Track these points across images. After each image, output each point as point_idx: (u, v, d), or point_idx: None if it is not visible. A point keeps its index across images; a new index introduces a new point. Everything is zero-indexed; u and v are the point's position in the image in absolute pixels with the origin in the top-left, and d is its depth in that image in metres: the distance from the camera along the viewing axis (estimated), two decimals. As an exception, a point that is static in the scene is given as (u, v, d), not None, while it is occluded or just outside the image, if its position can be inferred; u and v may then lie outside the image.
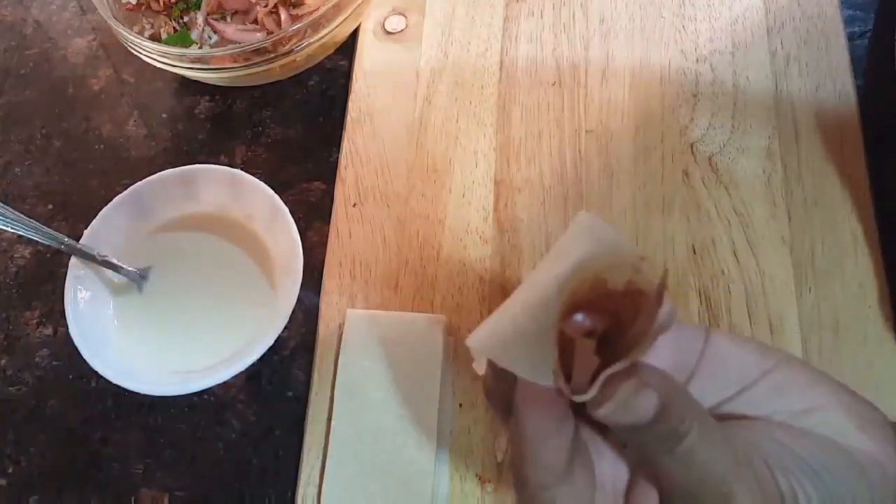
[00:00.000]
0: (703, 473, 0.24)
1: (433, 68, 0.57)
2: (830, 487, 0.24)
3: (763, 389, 0.27)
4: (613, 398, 0.23)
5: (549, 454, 0.25)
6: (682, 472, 0.24)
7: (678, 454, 0.23)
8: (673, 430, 0.23)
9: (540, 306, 0.23)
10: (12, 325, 0.52)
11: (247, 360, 0.43)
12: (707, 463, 0.24)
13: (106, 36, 0.63)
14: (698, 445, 0.24)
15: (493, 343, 0.24)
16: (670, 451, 0.24)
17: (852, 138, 0.51)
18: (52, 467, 0.48)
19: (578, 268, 0.23)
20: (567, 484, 0.25)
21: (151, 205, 0.50)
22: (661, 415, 0.23)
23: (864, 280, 0.46)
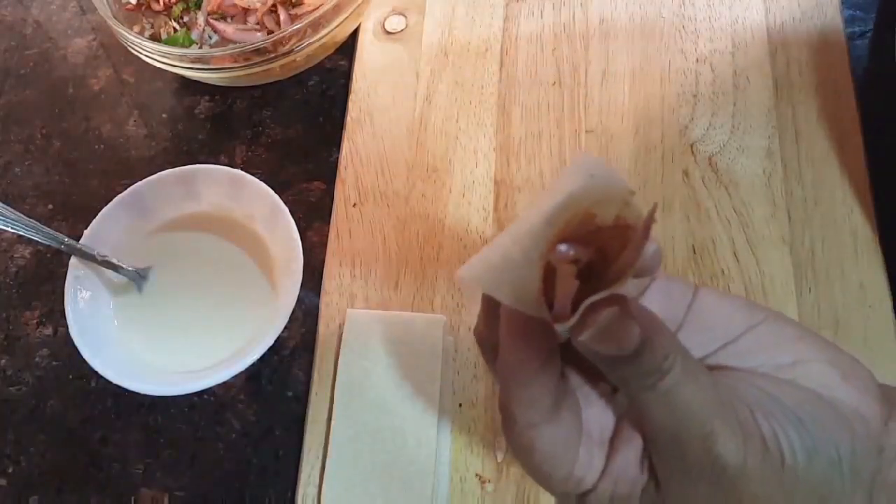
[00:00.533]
0: (685, 413, 0.24)
1: (433, 68, 0.57)
2: (813, 434, 0.24)
3: (748, 343, 0.27)
4: (595, 324, 0.23)
5: (535, 391, 0.25)
6: (664, 412, 0.24)
7: (660, 391, 0.24)
8: (656, 367, 0.23)
9: (528, 235, 0.23)
10: (12, 325, 0.52)
11: (247, 360, 0.43)
12: (689, 402, 0.24)
13: (106, 36, 0.63)
14: (681, 383, 0.24)
15: (480, 271, 0.24)
16: (652, 387, 0.24)
17: (852, 138, 0.51)
18: (52, 467, 0.48)
19: (569, 200, 0.23)
20: (553, 424, 0.26)
21: (151, 205, 0.50)
22: (644, 348, 0.23)
23: (864, 280, 0.46)
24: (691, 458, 0.24)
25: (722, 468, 0.23)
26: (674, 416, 0.24)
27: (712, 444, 0.23)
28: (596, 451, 0.26)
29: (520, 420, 0.26)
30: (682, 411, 0.24)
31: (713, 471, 0.24)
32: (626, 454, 0.26)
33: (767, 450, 0.24)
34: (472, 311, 0.28)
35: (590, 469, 0.26)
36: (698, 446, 0.24)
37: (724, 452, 0.23)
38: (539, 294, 0.23)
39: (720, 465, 0.23)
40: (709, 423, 0.23)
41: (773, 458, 0.24)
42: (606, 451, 0.26)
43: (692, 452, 0.24)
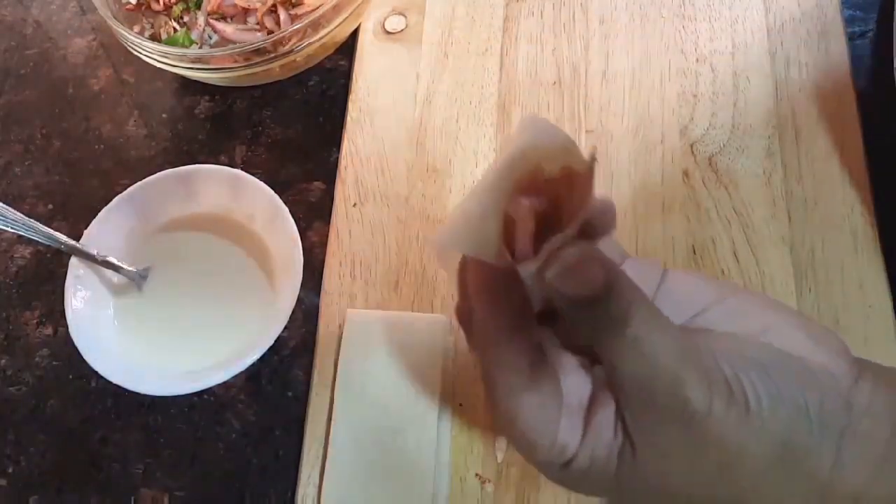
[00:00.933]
0: (652, 358, 0.24)
1: (433, 68, 0.57)
2: (777, 382, 0.25)
3: (718, 314, 0.28)
4: (560, 260, 0.24)
5: (512, 350, 0.26)
6: (632, 358, 0.24)
7: (628, 337, 0.24)
8: (622, 313, 0.24)
9: (484, 191, 0.25)
10: (12, 325, 0.52)
11: (247, 360, 0.43)
12: (655, 348, 0.24)
13: (106, 36, 0.63)
14: (646, 330, 0.24)
15: (445, 233, 0.26)
16: (620, 334, 0.24)
17: (852, 138, 0.51)
18: (52, 467, 0.48)
19: (518, 154, 0.25)
20: (534, 391, 0.26)
21: (151, 205, 0.50)
22: (609, 291, 0.24)
23: (864, 280, 0.46)
24: (661, 403, 0.24)
25: (690, 413, 0.24)
26: (642, 362, 0.24)
27: (680, 388, 0.24)
28: (576, 419, 0.26)
29: (501, 385, 0.26)
30: (649, 357, 0.24)
31: (682, 416, 0.24)
32: (601, 418, 0.26)
33: (732, 394, 0.24)
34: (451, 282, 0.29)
35: (572, 436, 0.26)
36: (667, 392, 0.24)
37: (691, 397, 0.24)
38: (499, 240, 0.24)
39: (689, 411, 0.24)
40: (675, 367, 0.24)
41: (738, 403, 0.24)
42: (584, 418, 0.27)
43: (661, 398, 0.24)
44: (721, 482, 0.25)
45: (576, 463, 0.26)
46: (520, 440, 0.27)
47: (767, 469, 0.25)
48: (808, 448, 0.25)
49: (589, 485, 0.27)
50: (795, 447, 0.25)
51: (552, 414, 0.26)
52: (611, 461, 0.26)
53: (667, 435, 0.25)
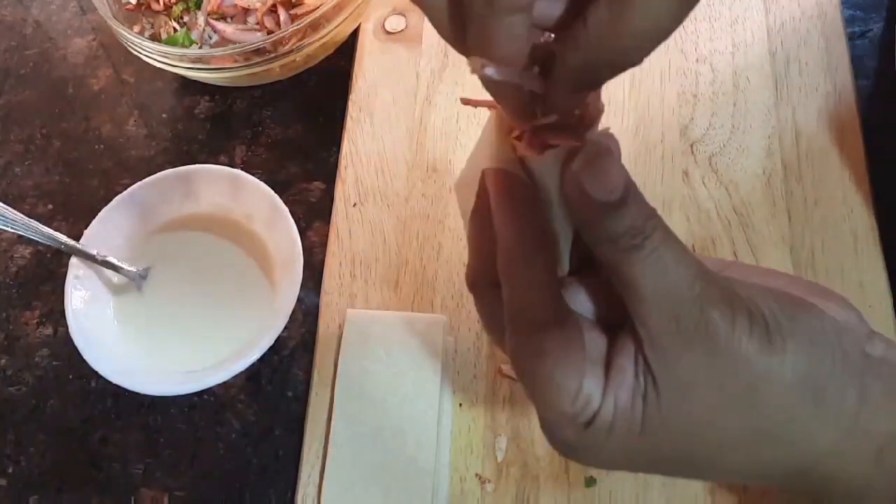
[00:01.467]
0: (674, 271, 0.24)
1: (433, 68, 0.57)
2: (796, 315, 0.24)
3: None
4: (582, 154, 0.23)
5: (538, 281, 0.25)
6: (653, 273, 0.24)
7: (648, 249, 0.23)
8: (641, 224, 0.23)
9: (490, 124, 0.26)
10: (12, 325, 0.52)
11: (247, 360, 0.43)
12: (677, 261, 0.24)
13: (106, 36, 0.63)
14: (666, 243, 0.24)
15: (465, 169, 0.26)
16: (641, 246, 0.23)
17: (852, 138, 0.51)
18: (52, 467, 0.48)
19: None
20: (561, 325, 0.25)
21: (151, 205, 0.50)
22: (628, 196, 0.23)
23: (864, 280, 0.46)
24: (684, 322, 0.24)
25: (714, 330, 0.23)
26: (664, 277, 0.24)
27: (703, 305, 0.23)
28: (597, 369, 0.25)
29: (528, 320, 0.25)
30: (671, 271, 0.24)
31: (707, 334, 0.23)
32: (622, 365, 0.25)
33: (754, 316, 0.24)
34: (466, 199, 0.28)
35: (595, 387, 0.25)
36: (689, 307, 0.23)
37: (715, 315, 0.23)
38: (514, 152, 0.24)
39: (712, 330, 0.23)
40: (697, 283, 0.24)
41: (760, 326, 0.24)
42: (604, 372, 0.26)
43: (684, 315, 0.24)
44: (748, 412, 0.24)
45: (600, 416, 0.25)
46: (545, 384, 0.25)
47: (794, 400, 0.24)
48: (832, 380, 0.24)
49: (612, 449, 0.25)
50: (819, 378, 0.24)
51: (578, 354, 0.25)
52: (635, 408, 0.25)
53: (691, 361, 0.24)
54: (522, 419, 0.45)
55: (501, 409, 0.45)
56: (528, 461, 0.44)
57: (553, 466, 0.43)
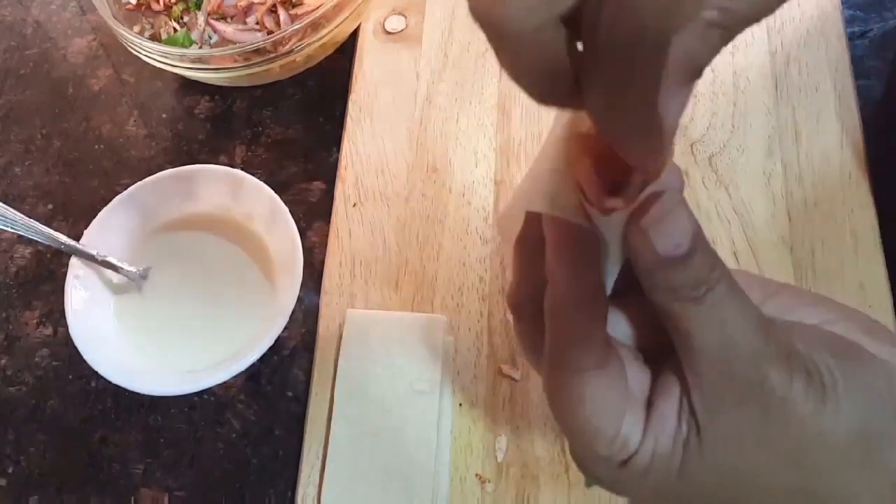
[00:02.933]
0: (733, 327, 0.23)
1: (433, 68, 0.57)
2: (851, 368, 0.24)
3: (771, 309, 0.27)
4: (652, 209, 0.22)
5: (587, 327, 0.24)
6: (711, 327, 0.23)
7: (708, 303, 0.23)
8: (704, 275, 0.23)
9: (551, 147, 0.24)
10: (12, 325, 0.52)
11: (247, 360, 0.43)
12: (736, 317, 0.23)
13: (106, 36, 0.63)
14: (728, 296, 0.23)
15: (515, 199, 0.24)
16: (701, 299, 0.23)
17: (852, 137, 0.51)
18: (52, 467, 0.48)
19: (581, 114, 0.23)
20: (604, 371, 0.24)
21: (151, 205, 0.50)
22: (696, 249, 0.22)
23: (865, 280, 0.46)
24: (739, 377, 0.23)
25: (770, 388, 0.23)
26: (722, 331, 0.23)
27: (760, 363, 0.23)
28: (638, 410, 0.25)
29: (571, 364, 0.24)
30: (730, 326, 0.23)
31: (762, 391, 0.23)
32: (664, 409, 0.24)
33: (811, 375, 0.23)
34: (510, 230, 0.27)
35: (634, 428, 0.24)
36: (746, 364, 0.23)
37: (772, 374, 0.23)
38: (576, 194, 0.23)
39: (769, 386, 0.23)
40: (756, 340, 0.23)
41: (816, 385, 0.23)
42: (645, 412, 0.25)
43: (740, 371, 0.23)
44: (795, 471, 0.23)
45: (637, 458, 0.24)
46: (582, 428, 0.25)
47: (844, 460, 0.23)
48: (883, 435, 0.23)
49: (646, 487, 0.25)
50: (871, 435, 0.23)
51: (618, 399, 0.24)
52: (675, 454, 0.24)
53: (740, 415, 0.23)
54: (522, 419, 0.45)
55: (501, 409, 0.45)
56: (528, 461, 0.44)
57: (553, 466, 0.43)
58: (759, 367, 0.23)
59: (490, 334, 0.47)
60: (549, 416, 0.45)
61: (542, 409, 0.45)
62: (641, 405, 0.25)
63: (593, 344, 0.24)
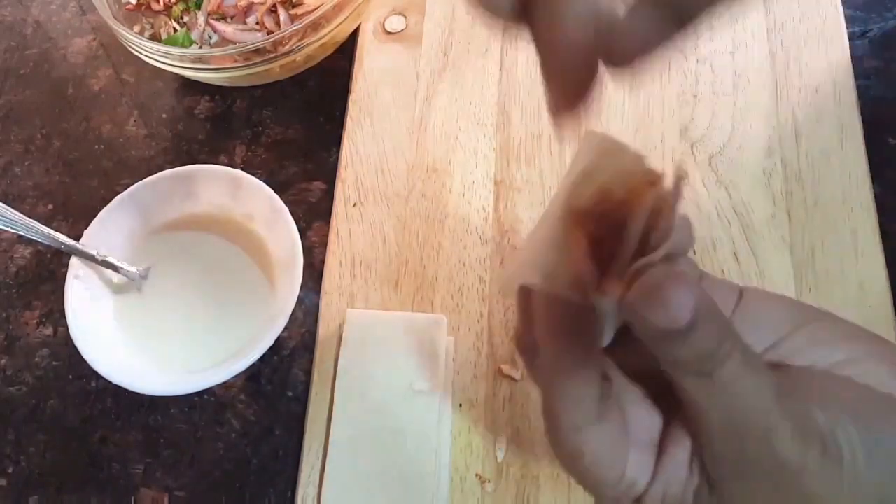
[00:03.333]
0: (745, 405, 0.22)
1: (433, 68, 0.57)
2: (874, 432, 0.23)
3: (798, 341, 0.26)
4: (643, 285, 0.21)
5: (579, 388, 0.24)
6: (721, 403, 0.22)
7: (718, 380, 0.22)
8: (711, 350, 0.22)
9: (551, 217, 0.24)
10: (12, 325, 0.52)
11: (247, 360, 0.43)
12: (749, 394, 0.22)
13: (106, 36, 0.63)
14: (741, 374, 0.22)
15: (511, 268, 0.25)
16: (709, 374, 0.22)
17: (852, 138, 0.51)
18: (52, 467, 0.48)
19: (581, 177, 0.23)
20: (600, 426, 0.24)
21: (151, 205, 0.50)
22: (698, 323, 0.21)
23: (864, 280, 0.46)
24: (751, 454, 0.23)
25: (782, 464, 0.22)
26: (732, 408, 0.22)
27: (772, 439, 0.22)
28: (646, 455, 0.25)
29: (565, 423, 0.25)
30: (742, 404, 0.22)
31: (774, 467, 0.22)
32: (676, 455, 0.25)
33: (827, 448, 0.23)
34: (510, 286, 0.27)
35: (641, 471, 0.25)
36: (758, 442, 0.22)
37: (784, 449, 0.22)
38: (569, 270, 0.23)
39: (780, 462, 0.22)
40: (768, 416, 0.22)
41: (834, 458, 0.23)
42: (656, 454, 0.25)
43: (751, 449, 0.23)
44: None
45: (648, 498, 0.25)
46: (586, 477, 0.25)
47: None
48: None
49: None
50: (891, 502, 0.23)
51: (619, 448, 0.25)
52: (686, 500, 0.24)
53: (753, 484, 0.23)
54: (522, 419, 0.45)
55: (501, 409, 0.45)
56: (528, 461, 0.44)
57: (553, 466, 0.43)
58: (772, 445, 0.22)
59: (490, 334, 0.47)
60: (549, 416, 0.45)
61: (542, 409, 0.45)
62: (649, 447, 0.25)
63: (586, 404, 0.25)
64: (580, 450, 0.25)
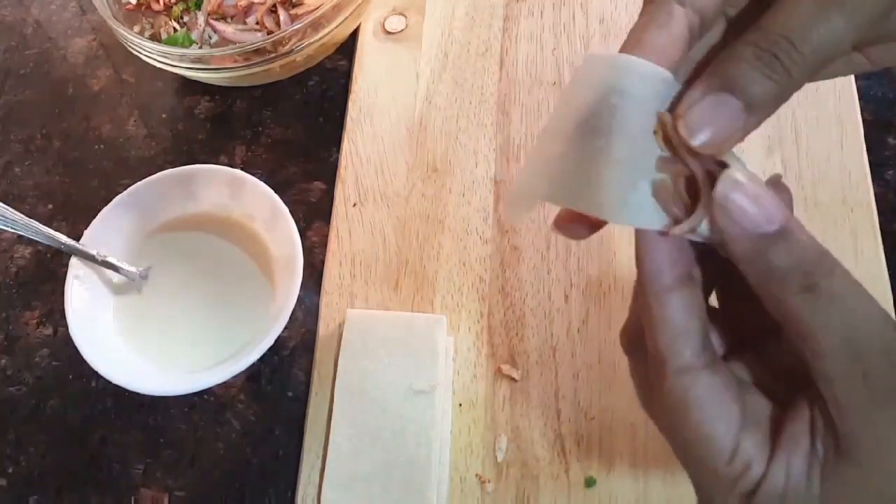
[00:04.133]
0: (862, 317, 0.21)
1: (433, 68, 0.57)
2: None
3: None
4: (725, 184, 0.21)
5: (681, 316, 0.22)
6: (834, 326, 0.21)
7: (826, 296, 0.21)
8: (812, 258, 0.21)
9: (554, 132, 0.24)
10: (12, 325, 0.52)
11: (247, 360, 0.43)
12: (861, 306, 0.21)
13: (106, 36, 0.63)
14: (847, 286, 0.21)
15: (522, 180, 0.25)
16: (815, 290, 0.21)
17: (852, 138, 0.51)
18: (52, 467, 0.48)
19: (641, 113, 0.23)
20: (710, 371, 0.22)
21: (151, 205, 0.50)
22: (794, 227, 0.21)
23: (865, 280, 0.46)
24: (875, 377, 0.21)
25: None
26: (846, 325, 0.21)
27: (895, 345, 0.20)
28: (761, 436, 0.22)
29: (671, 361, 0.22)
30: (854, 318, 0.21)
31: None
32: (793, 429, 0.22)
33: None
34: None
35: (758, 453, 0.22)
36: (880, 360, 0.20)
37: None
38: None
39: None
40: (887, 332, 0.21)
41: None
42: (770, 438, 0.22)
43: (874, 369, 0.20)
44: None
45: (765, 488, 0.21)
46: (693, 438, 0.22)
47: None
48: None
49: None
50: None
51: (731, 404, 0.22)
52: (812, 479, 0.21)
53: (883, 421, 0.21)
54: (522, 419, 0.45)
55: (501, 409, 0.45)
56: (528, 461, 0.44)
57: (553, 466, 0.43)
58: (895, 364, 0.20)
59: (490, 334, 0.47)
60: (549, 417, 0.45)
61: (542, 410, 0.45)
62: (764, 428, 0.23)
63: (692, 337, 0.22)
64: (687, 398, 0.22)
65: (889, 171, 0.50)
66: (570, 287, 0.48)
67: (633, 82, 0.23)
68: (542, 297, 0.48)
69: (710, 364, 0.23)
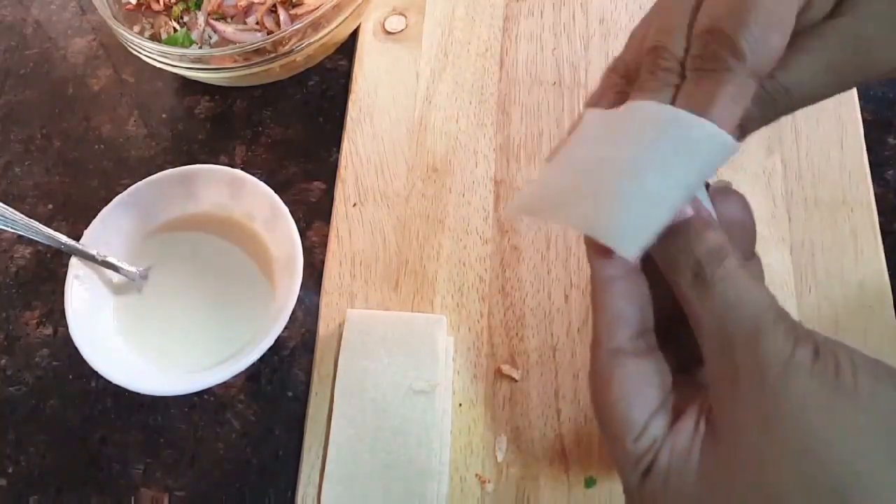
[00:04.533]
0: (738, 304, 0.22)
1: (433, 68, 0.57)
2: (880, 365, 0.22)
3: None
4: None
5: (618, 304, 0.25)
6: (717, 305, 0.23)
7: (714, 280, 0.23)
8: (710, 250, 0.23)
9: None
10: (12, 325, 0.52)
11: (247, 360, 0.43)
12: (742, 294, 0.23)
13: (106, 36, 0.63)
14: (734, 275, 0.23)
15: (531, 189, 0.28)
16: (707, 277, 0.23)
17: (852, 138, 0.51)
18: (52, 467, 0.48)
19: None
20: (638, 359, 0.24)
21: (151, 205, 0.50)
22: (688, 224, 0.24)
23: (864, 280, 0.46)
24: (739, 353, 0.22)
25: (767, 363, 0.21)
26: (726, 309, 0.23)
27: (759, 339, 0.22)
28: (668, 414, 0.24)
29: (605, 343, 0.25)
30: (735, 303, 0.22)
31: (758, 368, 0.21)
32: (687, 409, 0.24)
33: (819, 352, 0.21)
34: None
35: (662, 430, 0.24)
36: (747, 338, 0.22)
37: (771, 343, 0.21)
38: None
39: (766, 360, 0.21)
40: (759, 318, 0.22)
41: (828, 363, 0.21)
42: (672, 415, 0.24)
43: (740, 346, 0.22)
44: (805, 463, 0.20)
45: (656, 465, 0.23)
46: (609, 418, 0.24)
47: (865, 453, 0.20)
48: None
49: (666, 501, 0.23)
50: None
51: (650, 390, 0.24)
52: (691, 456, 0.23)
53: (740, 400, 0.22)
54: (522, 419, 0.45)
55: (501, 409, 0.45)
56: (528, 461, 0.44)
57: (553, 466, 0.43)
58: (758, 346, 0.22)
59: (490, 334, 0.47)
60: (549, 417, 0.45)
61: (542, 410, 0.45)
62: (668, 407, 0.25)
63: (628, 323, 0.25)
64: (611, 377, 0.24)
65: (889, 171, 0.50)
66: (570, 287, 0.48)
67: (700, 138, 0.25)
68: (542, 297, 0.48)
69: (641, 352, 0.25)
